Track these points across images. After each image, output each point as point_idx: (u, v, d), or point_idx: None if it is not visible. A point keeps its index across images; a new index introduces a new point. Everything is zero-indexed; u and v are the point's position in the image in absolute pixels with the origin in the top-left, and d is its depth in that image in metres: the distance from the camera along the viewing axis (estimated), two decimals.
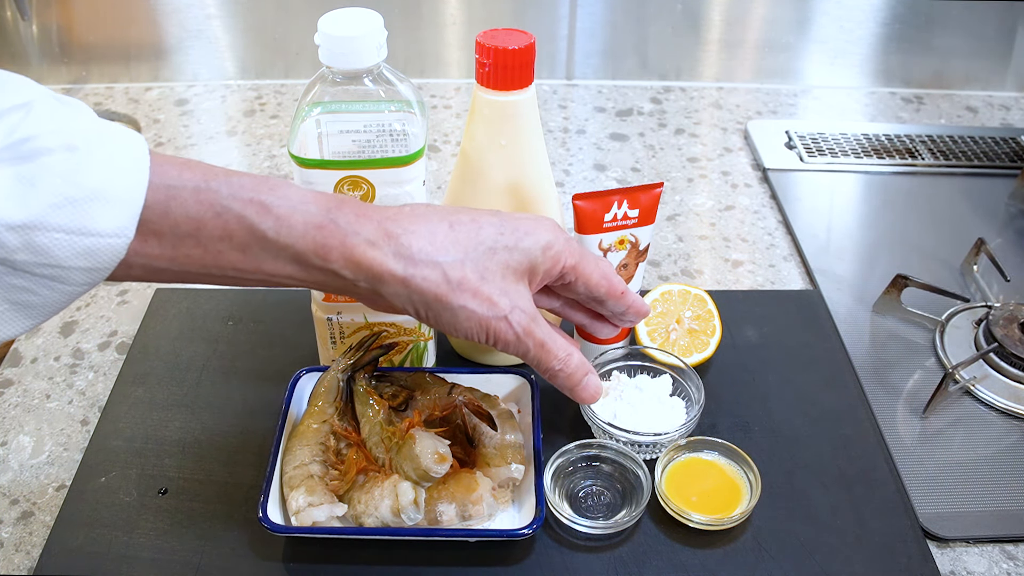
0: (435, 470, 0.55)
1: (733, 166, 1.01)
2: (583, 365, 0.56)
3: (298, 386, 0.64)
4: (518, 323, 0.51)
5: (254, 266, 0.46)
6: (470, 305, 0.50)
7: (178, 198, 0.44)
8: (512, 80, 0.58)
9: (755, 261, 0.86)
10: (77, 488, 0.61)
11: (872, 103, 1.15)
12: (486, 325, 0.51)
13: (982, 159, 1.01)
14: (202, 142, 1.03)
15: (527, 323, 0.52)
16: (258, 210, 0.45)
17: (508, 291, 0.51)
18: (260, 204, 0.45)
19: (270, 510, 0.55)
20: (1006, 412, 0.70)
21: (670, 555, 0.58)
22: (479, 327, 0.51)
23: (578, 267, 0.54)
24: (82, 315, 0.78)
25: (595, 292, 0.55)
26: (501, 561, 0.57)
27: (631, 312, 0.58)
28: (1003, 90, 1.18)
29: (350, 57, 0.55)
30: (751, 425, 0.67)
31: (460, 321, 0.50)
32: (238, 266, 0.46)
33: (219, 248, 0.45)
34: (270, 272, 0.47)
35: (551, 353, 0.53)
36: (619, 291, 0.56)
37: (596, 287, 0.55)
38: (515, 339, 0.52)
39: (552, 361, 0.54)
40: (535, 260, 0.52)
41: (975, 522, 0.61)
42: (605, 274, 0.55)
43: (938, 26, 1.13)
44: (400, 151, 0.56)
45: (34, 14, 1.08)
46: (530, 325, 0.52)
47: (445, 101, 1.12)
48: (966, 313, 0.78)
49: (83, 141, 0.41)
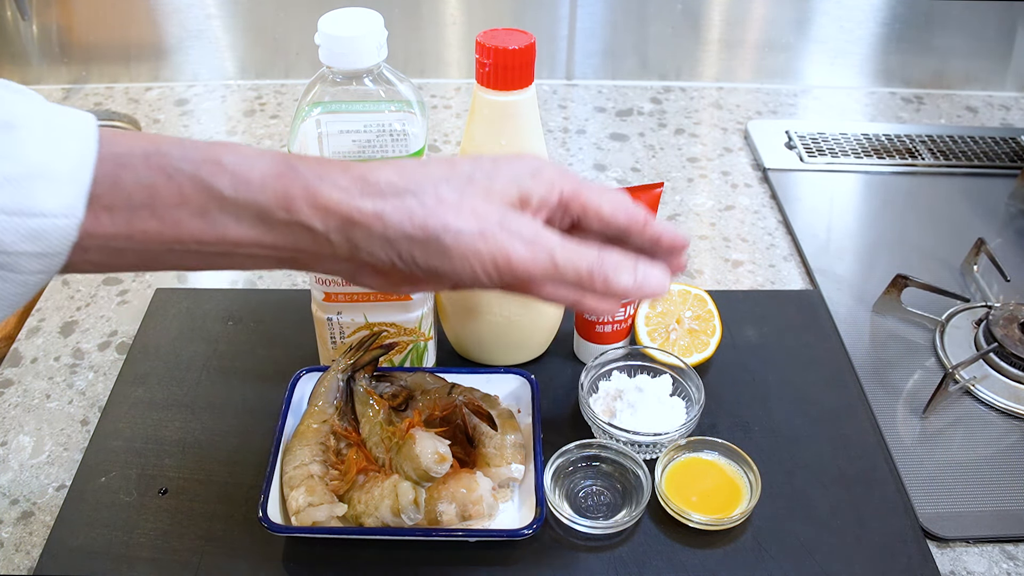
0: (435, 470, 0.55)
1: (733, 166, 1.01)
2: (625, 257, 0.46)
3: (298, 386, 0.64)
4: (519, 231, 0.43)
5: (217, 234, 0.42)
6: (455, 224, 0.42)
7: (128, 166, 0.40)
8: (512, 80, 0.58)
9: (755, 261, 0.86)
10: (77, 488, 0.61)
11: (872, 103, 1.15)
12: (483, 244, 0.43)
13: (982, 159, 1.01)
14: None
15: (533, 233, 0.44)
16: (212, 168, 0.41)
17: (498, 211, 0.44)
18: (214, 162, 0.41)
19: (270, 510, 0.55)
20: (1006, 412, 0.70)
21: (670, 555, 0.58)
22: (474, 251, 0.43)
23: (581, 194, 0.46)
24: (82, 315, 0.78)
25: (612, 223, 0.47)
26: (501, 561, 0.57)
27: (664, 243, 0.48)
28: (1003, 90, 1.18)
29: (350, 57, 0.55)
30: (751, 425, 0.67)
31: (451, 252, 0.43)
32: (200, 237, 0.42)
33: (177, 217, 0.41)
34: (235, 239, 0.42)
35: (580, 254, 0.44)
36: (640, 220, 0.47)
37: (611, 217, 0.47)
38: (527, 254, 0.43)
39: (582, 263, 0.44)
40: (524, 186, 0.45)
41: (975, 522, 0.61)
42: (618, 203, 0.47)
43: (938, 26, 1.13)
44: (400, 151, 0.56)
45: (34, 14, 1.08)
46: (539, 233, 0.44)
47: (445, 101, 1.12)
48: (966, 313, 0.78)
49: (24, 120, 0.38)
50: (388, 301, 0.63)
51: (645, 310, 0.71)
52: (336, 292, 0.62)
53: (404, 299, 0.63)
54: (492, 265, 0.43)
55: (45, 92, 1.12)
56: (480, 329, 0.68)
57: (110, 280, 0.82)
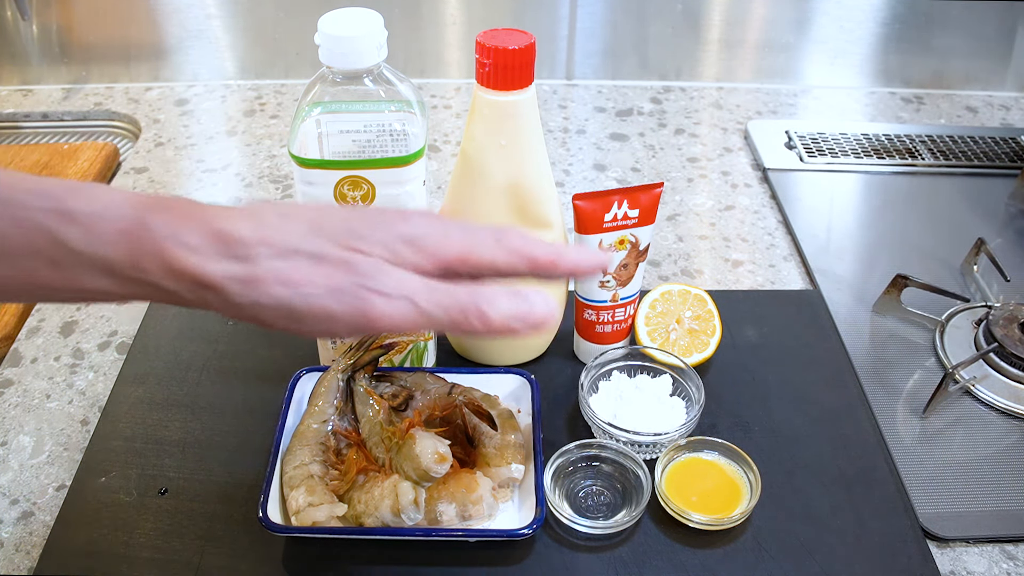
0: (435, 470, 0.55)
1: (733, 166, 1.01)
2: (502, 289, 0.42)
3: (298, 386, 0.64)
4: (379, 286, 0.40)
5: (71, 283, 0.40)
6: (305, 289, 0.40)
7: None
8: (512, 80, 0.58)
9: (755, 261, 0.86)
10: (77, 488, 0.61)
11: (872, 103, 1.15)
12: (337, 304, 0.40)
13: (982, 159, 1.01)
14: (202, 142, 1.03)
15: (395, 284, 0.40)
16: (61, 219, 0.39)
17: (355, 268, 0.40)
18: (63, 213, 0.39)
19: (270, 510, 0.55)
20: (1006, 412, 0.70)
21: (670, 555, 0.58)
22: (327, 314, 0.40)
23: (469, 258, 0.42)
24: (82, 315, 0.78)
25: (508, 271, 0.43)
26: (501, 561, 0.57)
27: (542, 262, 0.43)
28: (1003, 90, 1.18)
29: (350, 57, 0.55)
30: (751, 425, 0.67)
31: (304, 317, 0.40)
32: (55, 285, 0.40)
33: (30, 266, 0.40)
34: (90, 289, 0.41)
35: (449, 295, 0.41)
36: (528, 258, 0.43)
37: (508, 268, 0.43)
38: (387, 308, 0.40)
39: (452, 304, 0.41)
40: (395, 250, 0.41)
41: (975, 522, 0.61)
42: (512, 249, 0.43)
43: (938, 26, 1.13)
44: (400, 151, 0.56)
45: (34, 14, 1.09)
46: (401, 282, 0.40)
47: (445, 101, 1.12)
48: (966, 313, 0.78)
49: None
50: None
51: (645, 310, 0.71)
52: None
53: None
54: (352, 324, 0.41)
55: (45, 92, 1.12)
56: None
57: None
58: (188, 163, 0.99)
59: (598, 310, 0.69)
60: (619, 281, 0.68)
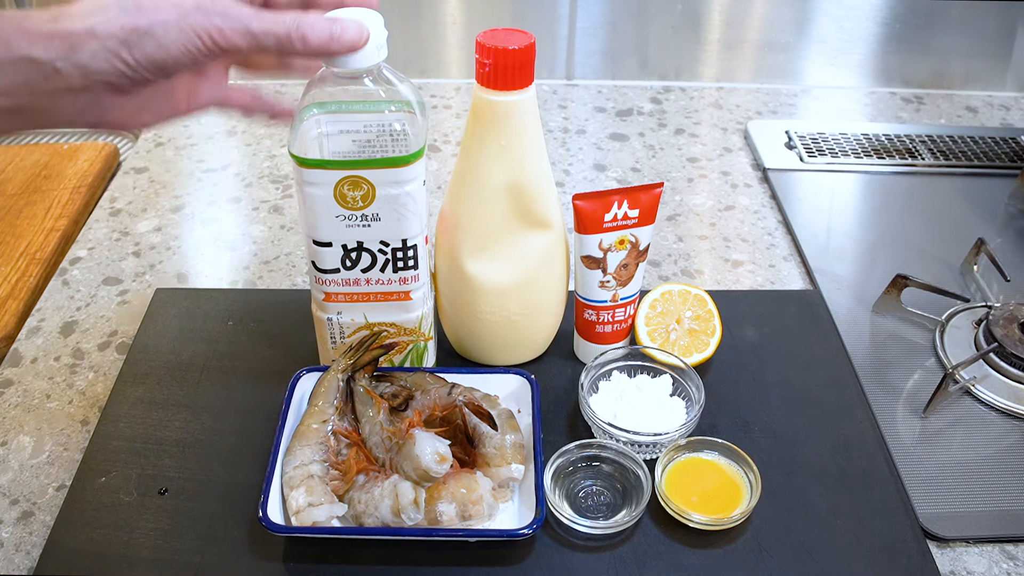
0: (435, 470, 0.55)
1: (733, 166, 1.01)
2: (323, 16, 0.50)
3: (298, 386, 0.64)
4: (215, 9, 0.47)
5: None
6: (160, 17, 0.46)
7: None
8: (512, 80, 0.58)
9: (755, 261, 0.86)
10: (77, 488, 0.61)
11: (872, 103, 1.15)
12: (188, 25, 0.47)
13: (982, 159, 1.01)
14: (202, 142, 1.03)
15: (226, 8, 0.48)
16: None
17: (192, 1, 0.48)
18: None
19: (270, 510, 0.55)
20: (1006, 412, 0.70)
21: (670, 555, 0.58)
22: (182, 32, 0.47)
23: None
24: (82, 315, 0.78)
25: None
26: (501, 561, 0.57)
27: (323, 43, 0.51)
28: (1003, 90, 1.18)
29: (350, 57, 0.55)
30: (751, 425, 0.67)
31: (165, 41, 0.46)
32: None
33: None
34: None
35: (275, 21, 0.48)
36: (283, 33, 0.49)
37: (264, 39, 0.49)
38: (226, 26, 0.47)
39: (278, 28, 0.48)
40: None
41: (975, 522, 0.61)
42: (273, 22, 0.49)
43: (938, 26, 1.14)
44: (400, 151, 0.56)
45: None
46: (233, 8, 0.48)
47: (445, 101, 1.12)
48: (966, 313, 0.78)
49: None
50: (388, 301, 0.63)
51: (645, 310, 0.71)
52: (336, 292, 0.62)
53: (404, 299, 0.63)
54: (200, 42, 0.47)
55: None
56: (480, 329, 0.68)
57: (110, 280, 0.82)
58: (188, 163, 0.99)
59: (598, 310, 0.69)
60: (619, 281, 0.68)
